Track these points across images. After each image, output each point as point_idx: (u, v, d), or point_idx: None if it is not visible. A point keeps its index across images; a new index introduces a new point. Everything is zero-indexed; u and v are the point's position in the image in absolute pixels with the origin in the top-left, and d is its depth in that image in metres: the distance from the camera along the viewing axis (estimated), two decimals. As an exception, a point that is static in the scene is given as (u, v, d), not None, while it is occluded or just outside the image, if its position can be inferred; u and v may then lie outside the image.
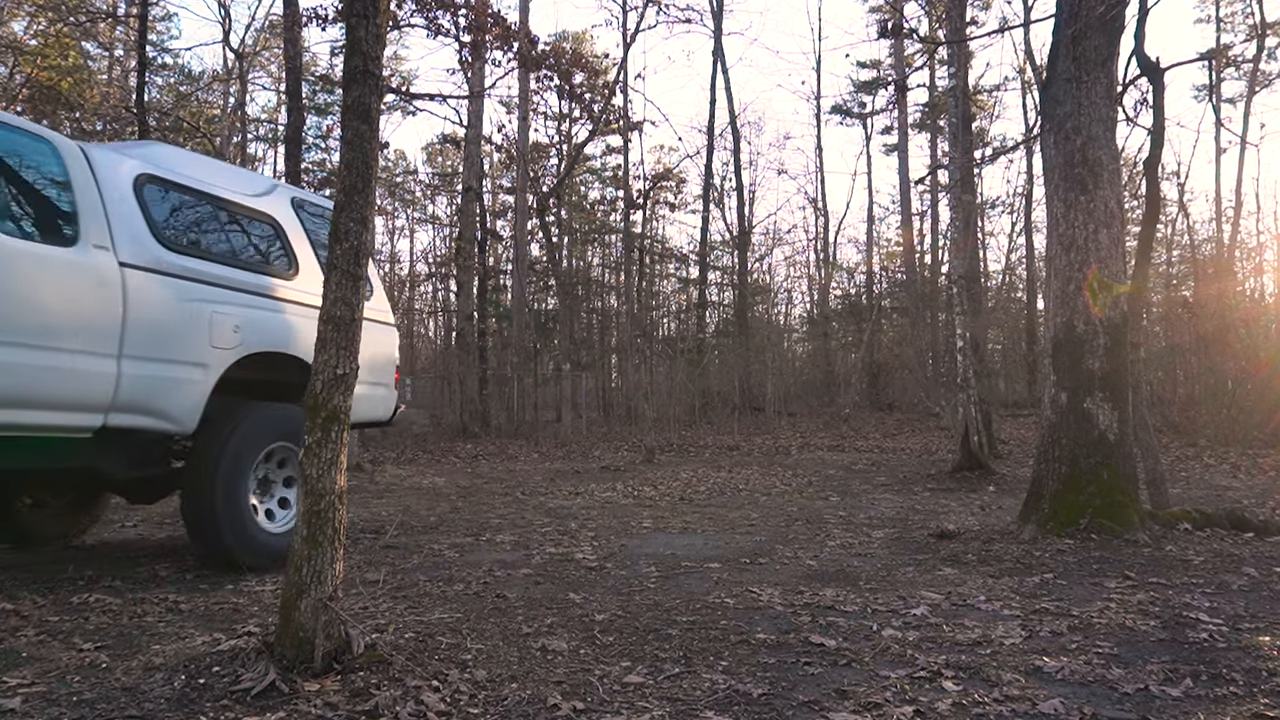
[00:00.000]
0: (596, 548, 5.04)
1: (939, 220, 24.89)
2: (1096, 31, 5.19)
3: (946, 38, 12.10)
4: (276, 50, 20.86)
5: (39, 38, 15.34)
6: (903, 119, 24.95)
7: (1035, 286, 23.42)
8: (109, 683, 2.50)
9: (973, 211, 13.26)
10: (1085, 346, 5.10)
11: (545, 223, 17.67)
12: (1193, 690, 2.51)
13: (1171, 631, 3.11)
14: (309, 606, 2.50)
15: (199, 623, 3.22)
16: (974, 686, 2.53)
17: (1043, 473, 5.20)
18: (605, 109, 16.90)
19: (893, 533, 5.66)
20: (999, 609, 3.46)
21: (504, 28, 12.41)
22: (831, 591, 3.81)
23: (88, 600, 3.50)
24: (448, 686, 2.46)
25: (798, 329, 28.08)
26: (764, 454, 13.15)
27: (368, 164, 2.70)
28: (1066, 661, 2.76)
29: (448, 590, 3.82)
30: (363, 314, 2.74)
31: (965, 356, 10.99)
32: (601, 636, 3.07)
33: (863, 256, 27.54)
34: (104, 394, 3.61)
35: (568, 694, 2.45)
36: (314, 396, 2.62)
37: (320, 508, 2.57)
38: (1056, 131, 5.30)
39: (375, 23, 2.71)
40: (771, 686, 2.54)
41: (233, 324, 4.17)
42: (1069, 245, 5.20)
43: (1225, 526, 5.24)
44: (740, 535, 5.60)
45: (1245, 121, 21.44)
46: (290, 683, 2.39)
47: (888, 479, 9.73)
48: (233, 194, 4.54)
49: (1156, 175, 5.93)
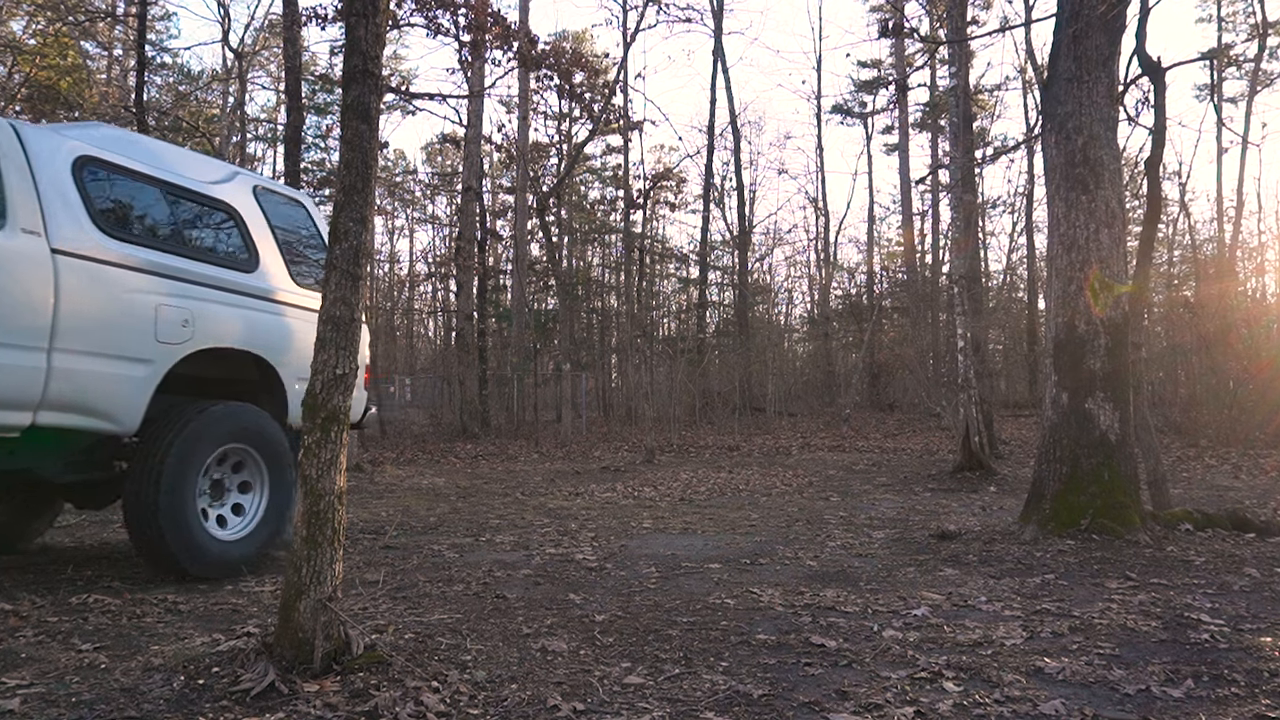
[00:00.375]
0: (596, 548, 5.04)
1: (940, 220, 24.88)
2: (1098, 31, 5.18)
3: (947, 37, 12.10)
4: (276, 49, 20.87)
5: (38, 37, 15.34)
6: (903, 118, 24.95)
7: (1036, 286, 23.41)
8: (108, 683, 2.50)
9: (974, 211, 13.26)
10: (1086, 347, 5.09)
11: (545, 222, 17.66)
12: (1194, 691, 2.50)
13: (1173, 632, 3.10)
14: (308, 607, 2.49)
15: (198, 623, 3.21)
16: (975, 687, 2.53)
17: (1044, 473, 5.19)
18: (605, 108, 16.90)
19: (893, 533, 5.65)
20: (1000, 610, 3.45)
21: (504, 27, 12.41)
22: (832, 592, 3.81)
23: (86, 601, 3.50)
24: (447, 687, 2.46)
25: (798, 329, 28.10)
26: (764, 454, 13.14)
27: (367, 163, 2.70)
28: (1068, 662, 2.75)
29: (447, 591, 3.82)
30: (360, 314, 2.69)
31: (966, 356, 10.98)
32: (602, 637, 3.06)
33: (863, 256, 27.57)
34: (32, 390, 3.35)
35: (568, 695, 2.44)
36: (313, 396, 2.61)
37: (320, 508, 2.56)
38: (1058, 131, 5.29)
39: (375, 22, 2.71)
40: (772, 687, 2.54)
41: (181, 317, 3.92)
42: (1070, 245, 5.19)
43: (1227, 527, 5.23)
44: (741, 536, 5.59)
45: (1247, 121, 21.46)
46: (290, 683, 2.38)
47: (888, 479, 9.72)
48: (186, 180, 4.27)
49: (1158, 175, 5.92)
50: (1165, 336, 16.38)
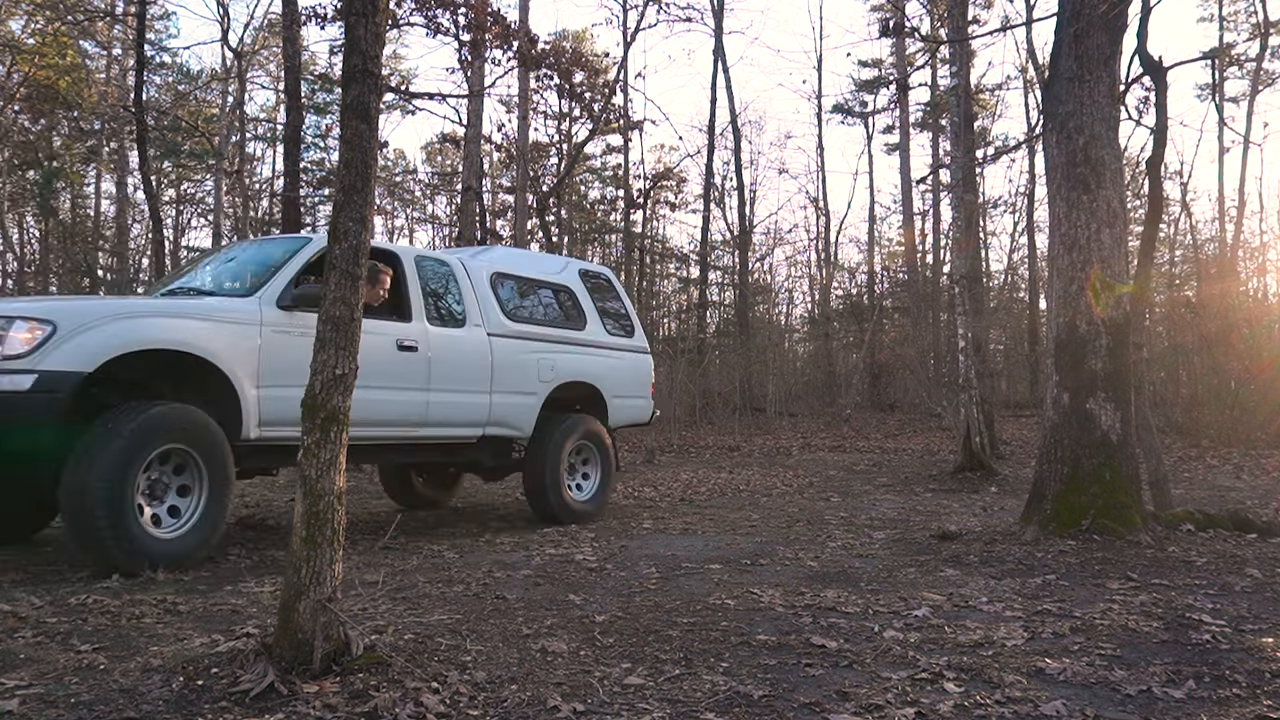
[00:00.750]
0: (596, 549, 5.03)
1: (941, 220, 24.82)
2: (1099, 30, 5.17)
3: (948, 36, 12.08)
4: (275, 49, 20.74)
5: (36, 36, 15.26)
6: (904, 118, 24.89)
7: (1037, 286, 23.37)
8: (107, 684, 2.49)
9: (974, 211, 13.24)
10: (1088, 347, 5.08)
11: (545, 222, 17.63)
12: (1196, 692, 2.49)
13: (1174, 633, 3.09)
14: (308, 608, 2.48)
15: (197, 624, 3.20)
16: (976, 688, 2.52)
17: (1045, 473, 5.18)
18: (605, 108, 16.86)
19: (894, 534, 5.64)
20: (1001, 610, 3.45)
21: (503, 26, 12.38)
22: (833, 593, 3.80)
23: (85, 601, 3.47)
24: (447, 688, 2.45)
25: (799, 329, 28.02)
26: (765, 455, 13.13)
27: (367, 163, 2.69)
28: (1069, 663, 2.74)
29: (447, 591, 3.81)
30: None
31: (967, 357, 10.97)
32: (602, 638, 3.06)
33: (864, 256, 27.46)
34: (484, 415, 5.69)
35: (568, 695, 2.44)
36: (312, 397, 2.60)
37: (319, 508, 2.55)
38: (1059, 130, 5.28)
39: (374, 21, 2.70)
40: (772, 688, 2.53)
41: (551, 364, 6.10)
42: (1071, 245, 5.18)
43: (1228, 528, 5.22)
44: (741, 536, 5.58)
45: (1248, 120, 21.36)
46: (289, 684, 2.38)
47: (889, 480, 9.71)
48: (542, 275, 6.51)
49: (1159, 174, 5.91)
50: (1167, 336, 16.37)
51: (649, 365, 7.12)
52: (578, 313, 6.58)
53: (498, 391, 5.70)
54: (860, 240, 30.86)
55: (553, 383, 6.07)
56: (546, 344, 6.12)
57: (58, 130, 19.29)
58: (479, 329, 5.67)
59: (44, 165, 18.14)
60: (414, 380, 5.20)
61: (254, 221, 21.44)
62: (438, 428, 5.40)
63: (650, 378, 7.12)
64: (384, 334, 5.02)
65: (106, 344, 3.88)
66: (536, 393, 5.97)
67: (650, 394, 7.10)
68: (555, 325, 6.32)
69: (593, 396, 6.49)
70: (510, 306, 6.00)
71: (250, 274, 4.96)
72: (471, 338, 5.60)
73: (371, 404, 4.70)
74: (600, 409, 6.53)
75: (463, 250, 6.53)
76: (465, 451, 5.81)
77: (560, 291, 6.55)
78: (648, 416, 7.10)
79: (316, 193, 24.50)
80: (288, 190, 10.87)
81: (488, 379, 5.63)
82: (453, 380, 5.41)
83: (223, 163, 18.58)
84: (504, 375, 5.72)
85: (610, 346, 6.69)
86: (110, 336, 3.91)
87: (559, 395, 6.17)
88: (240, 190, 17.40)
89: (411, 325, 5.27)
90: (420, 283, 5.45)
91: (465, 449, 5.79)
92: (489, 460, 5.99)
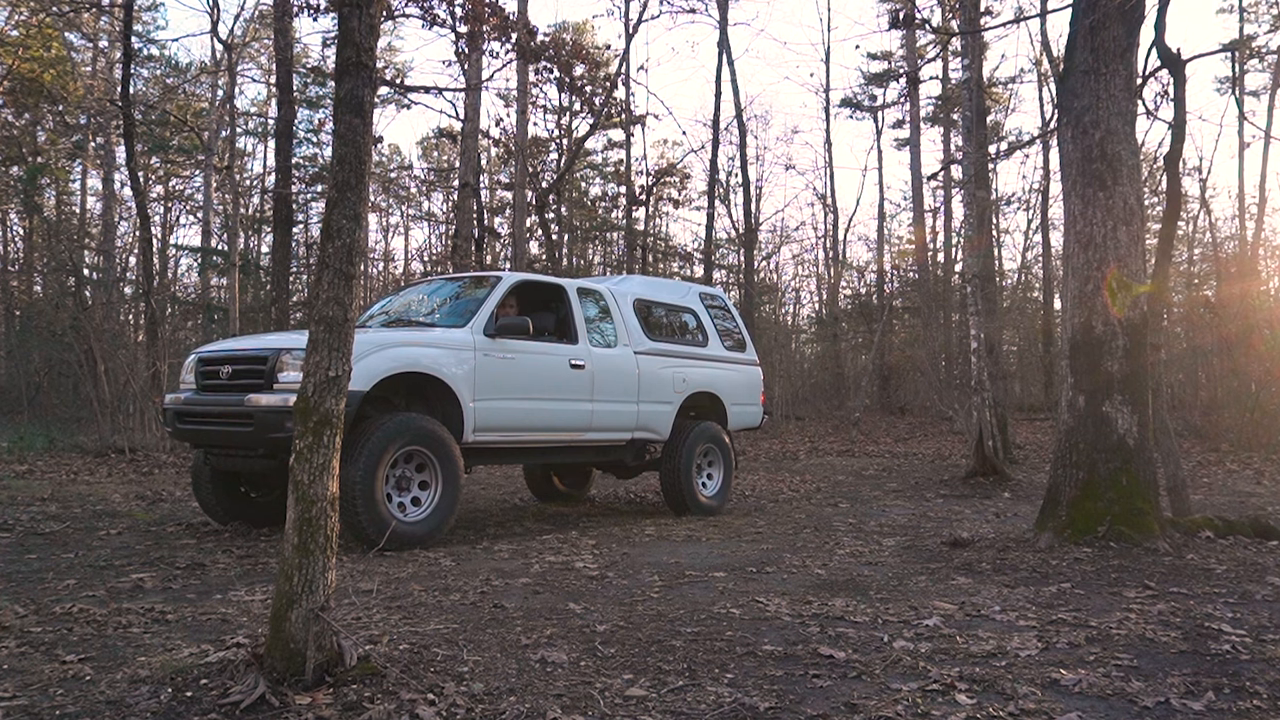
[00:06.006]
0: (598, 556, 4.97)
1: (952, 217, 24.61)
2: (1115, 22, 5.07)
3: (960, 28, 11.97)
4: (266, 41, 20.32)
5: (20, 28, 15.11)
6: (915, 112, 24.67)
7: (1052, 286, 23.15)
8: (93, 696, 2.44)
9: (987, 208, 13.13)
10: (1104, 348, 4.98)
11: (545, 220, 17.51)
12: (1215, 704, 2.43)
13: (1193, 643, 3.03)
14: (300, 617, 2.43)
15: (186, 634, 3.14)
16: (988, 700, 2.46)
17: (1060, 478, 5.09)
18: (607, 102, 16.72)
19: (904, 541, 5.57)
20: (1014, 619, 3.38)
21: (502, 18, 12.27)
22: (841, 601, 3.73)
23: (70, 610, 3.41)
24: (444, 700, 2.40)
25: (806, 329, 27.83)
26: (771, 459, 13.06)
27: (361, 159, 2.63)
28: (1084, 674, 2.68)
29: (444, 600, 3.74)
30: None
31: (979, 358, 10.85)
32: (603, 648, 2.99)
33: (873, 255, 27.24)
34: (632, 421, 6.65)
35: (568, 707, 2.38)
36: (304, 400, 2.54)
37: (312, 514, 2.50)
38: (1074, 125, 5.19)
39: (369, 13, 2.64)
40: (779, 700, 2.47)
41: (683, 377, 7.06)
42: (1087, 243, 5.08)
43: (1249, 534, 5.16)
44: (746, 543, 5.51)
45: (1269, 115, 20.93)
46: (280, 696, 2.33)
47: (899, 485, 9.62)
48: (672, 299, 7.57)
49: (1177, 170, 5.79)
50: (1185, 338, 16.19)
51: (759, 376, 8.11)
52: (701, 331, 7.60)
53: (644, 401, 6.70)
54: (869, 238, 30.65)
55: (685, 393, 7.06)
56: (679, 359, 7.12)
57: (42, 125, 19.09)
58: (628, 348, 6.69)
59: (28, 161, 18.00)
60: (582, 393, 6.21)
61: (244, 219, 21.28)
62: (599, 432, 6.41)
63: (760, 387, 8.07)
64: (560, 355, 6.12)
65: (378, 368, 4.94)
66: (673, 402, 6.96)
67: (761, 401, 8.03)
68: (685, 343, 7.36)
69: (714, 404, 7.41)
70: (648, 327, 7.02)
71: (457, 307, 6.05)
72: (623, 356, 6.62)
73: (553, 413, 6.00)
74: (720, 415, 7.46)
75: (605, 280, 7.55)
76: (615, 452, 6.78)
77: (686, 313, 7.61)
78: (759, 421, 8.04)
79: (309, 189, 24.31)
80: (279, 187, 10.86)
81: (635, 390, 6.63)
82: (610, 392, 6.41)
83: (212, 158, 18.35)
84: (648, 387, 6.73)
85: (728, 360, 7.68)
86: (379, 361, 4.96)
87: (691, 404, 7.19)
88: (230, 187, 17.20)
89: (578, 347, 6.30)
90: (582, 310, 6.47)
91: (616, 450, 6.77)
92: (631, 460, 6.87)
